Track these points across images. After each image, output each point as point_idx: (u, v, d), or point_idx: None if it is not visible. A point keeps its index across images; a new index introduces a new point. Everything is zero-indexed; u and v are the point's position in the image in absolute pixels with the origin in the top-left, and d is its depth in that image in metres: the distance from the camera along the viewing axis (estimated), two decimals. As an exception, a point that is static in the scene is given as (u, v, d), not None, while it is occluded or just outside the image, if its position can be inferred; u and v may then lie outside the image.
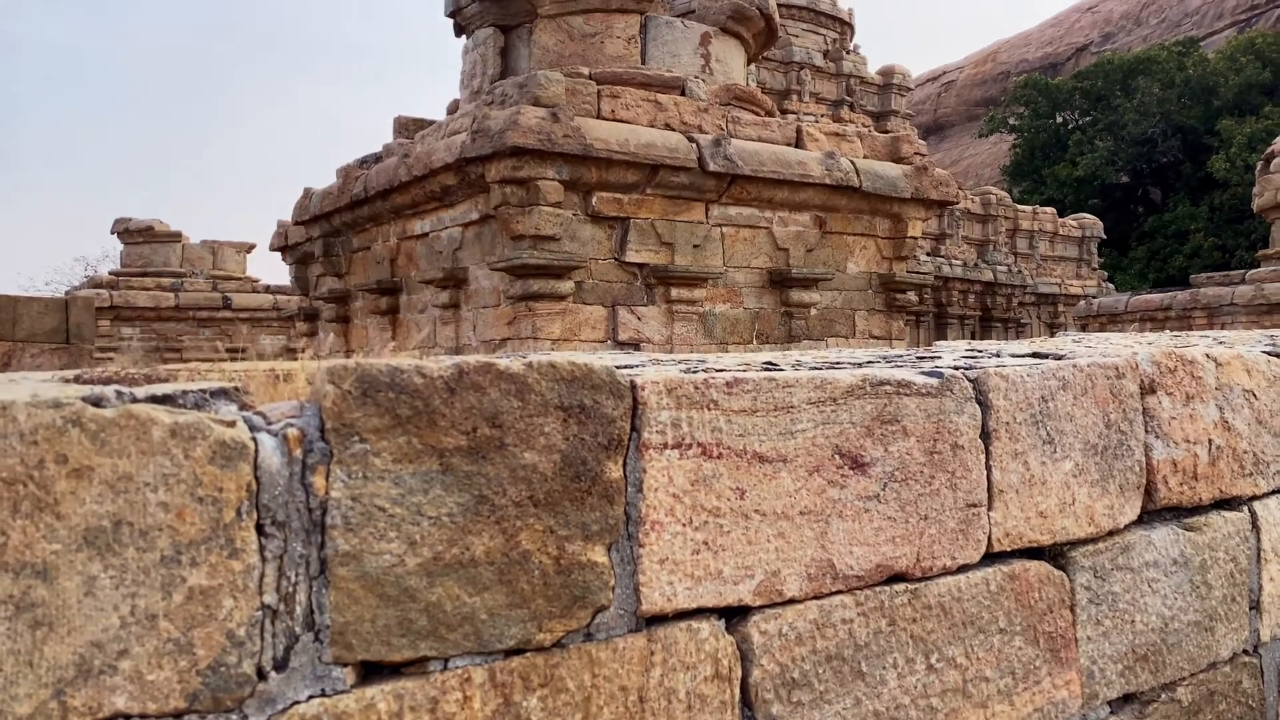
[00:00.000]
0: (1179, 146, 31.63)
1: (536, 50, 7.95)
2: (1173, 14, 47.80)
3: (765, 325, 7.75)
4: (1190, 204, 30.73)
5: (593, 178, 6.90)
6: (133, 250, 17.56)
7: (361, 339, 8.89)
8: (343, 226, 8.81)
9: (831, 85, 22.34)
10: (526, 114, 6.54)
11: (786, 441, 1.63)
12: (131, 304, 16.51)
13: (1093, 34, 52.50)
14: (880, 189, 7.96)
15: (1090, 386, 2.08)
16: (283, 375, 2.06)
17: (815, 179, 7.64)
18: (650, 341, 7.17)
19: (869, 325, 8.26)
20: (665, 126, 7.33)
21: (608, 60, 7.88)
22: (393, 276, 8.28)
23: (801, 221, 7.91)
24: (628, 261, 7.15)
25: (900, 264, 8.40)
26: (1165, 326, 14.07)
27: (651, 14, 8.14)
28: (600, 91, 7.15)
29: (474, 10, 8.06)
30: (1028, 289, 22.14)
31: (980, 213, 21.95)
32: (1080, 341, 3.38)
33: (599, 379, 1.44)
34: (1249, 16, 42.33)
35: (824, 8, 22.42)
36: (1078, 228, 24.11)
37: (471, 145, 6.67)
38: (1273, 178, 13.76)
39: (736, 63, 8.70)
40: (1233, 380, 2.37)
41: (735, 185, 7.43)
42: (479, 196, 7.10)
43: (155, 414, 1.15)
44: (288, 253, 10.41)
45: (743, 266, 7.67)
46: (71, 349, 8.65)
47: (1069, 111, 35.30)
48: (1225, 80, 31.02)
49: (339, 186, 8.52)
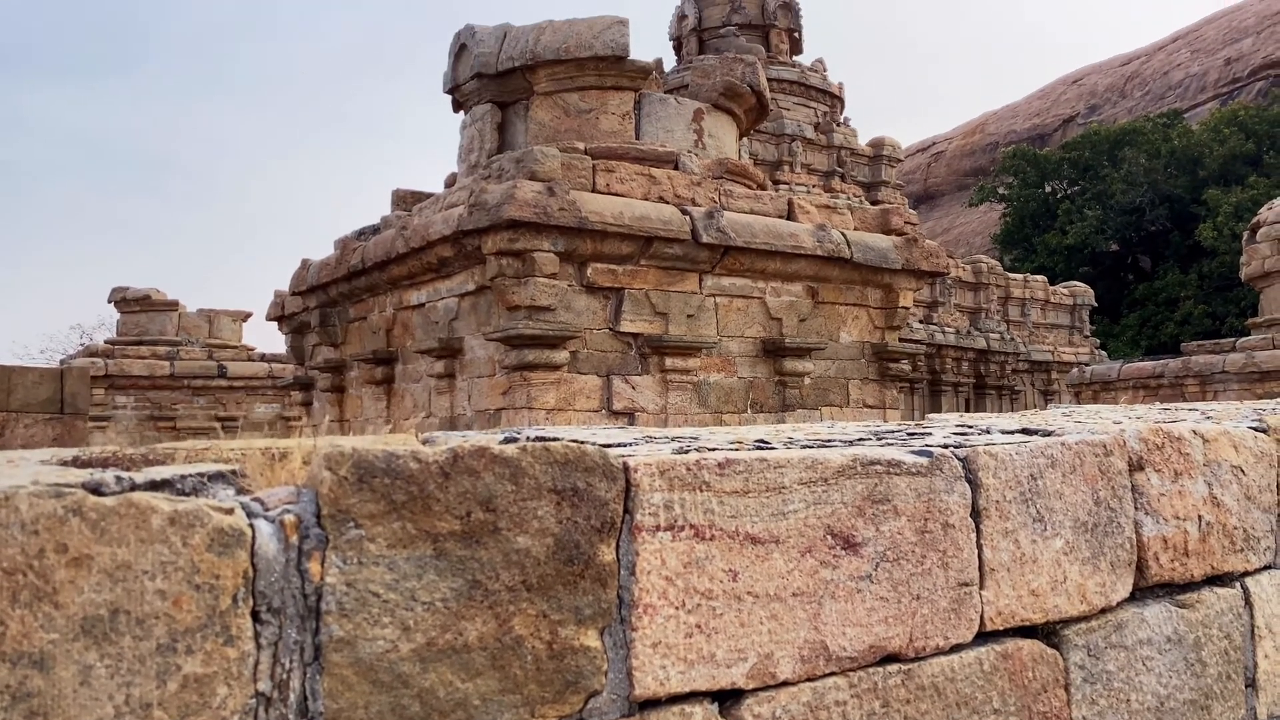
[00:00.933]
0: (1167, 215, 32.09)
1: (533, 125, 8.10)
2: (1156, 87, 48.85)
3: (759, 394, 7.78)
4: (1180, 272, 31.07)
5: (588, 249, 6.99)
6: (129, 319, 17.63)
7: (356, 409, 8.90)
8: (339, 297, 8.87)
9: (823, 157, 22.71)
10: (523, 188, 6.64)
11: (779, 522, 1.64)
12: (126, 373, 16.52)
13: (1079, 106, 53.56)
14: (871, 260, 8.06)
15: (1079, 464, 2.10)
16: (279, 455, 2.08)
17: (807, 250, 7.74)
18: (645, 411, 7.19)
19: (863, 394, 8.29)
20: (659, 199, 7.44)
21: (603, 135, 8.02)
22: (388, 346, 8.32)
23: (794, 292, 7.99)
24: (622, 331, 7.20)
25: (892, 333, 8.47)
26: (1158, 394, 14.13)
27: (646, 91, 8.32)
28: (595, 166, 7.27)
29: (472, 87, 8.23)
30: (1021, 356, 22.26)
31: (972, 281, 22.16)
32: (1070, 415, 3.41)
33: (592, 461, 1.46)
34: (1230, 90, 43.26)
35: (814, 82, 22.88)
36: (1069, 296, 24.33)
37: (469, 218, 6.76)
38: (1259, 247, 13.95)
39: (729, 137, 8.86)
40: (1220, 456, 2.40)
41: (728, 256, 7.52)
42: (475, 268, 7.18)
43: (155, 502, 1.16)
44: (284, 322, 10.46)
45: (736, 336, 7.73)
46: (65, 419, 8.64)
47: (1057, 181, 35.85)
48: (1210, 151, 31.59)
49: (336, 258, 8.61)
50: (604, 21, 7.87)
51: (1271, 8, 45.51)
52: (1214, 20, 50.67)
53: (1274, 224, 13.80)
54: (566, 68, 7.97)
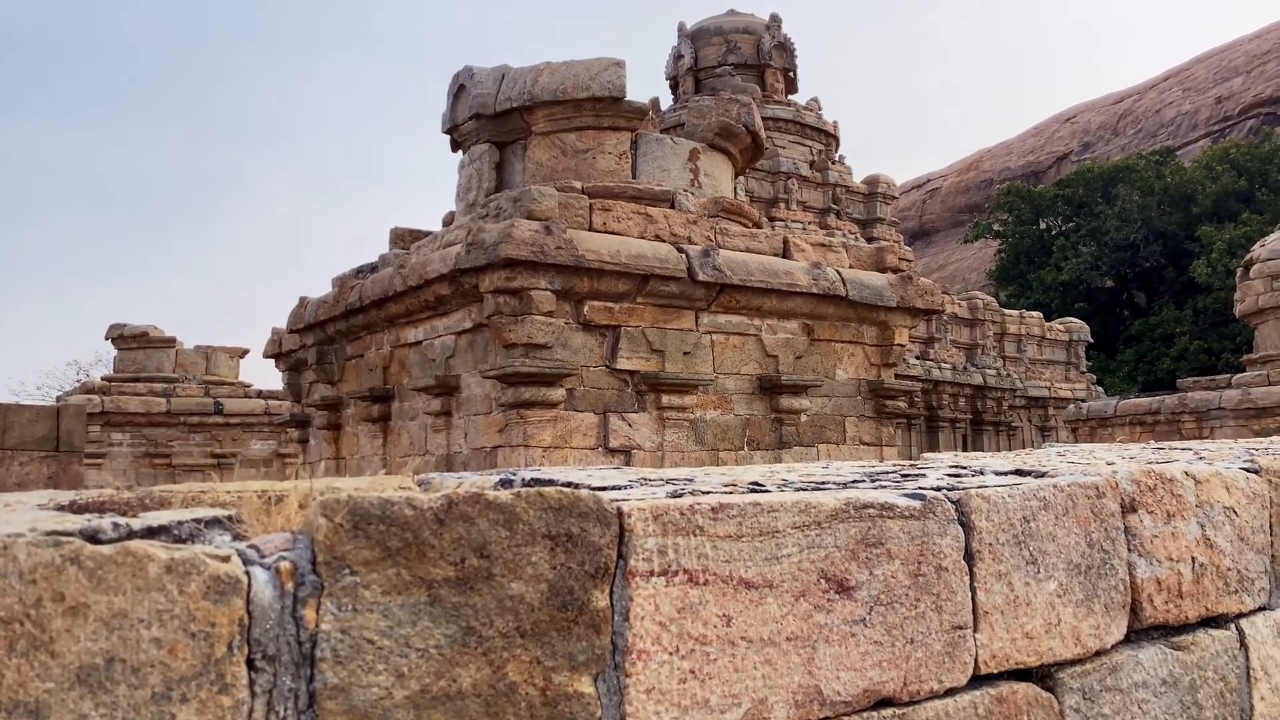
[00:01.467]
0: (1161, 252, 32.28)
1: (531, 165, 8.17)
2: (1149, 125, 49.34)
3: (756, 432, 7.79)
4: (1175, 308, 31.20)
5: (584, 287, 7.02)
6: (126, 355, 17.64)
7: (352, 447, 8.90)
8: (337, 335, 8.90)
9: (818, 194, 22.87)
10: (520, 227, 6.69)
11: (772, 566, 1.65)
12: (123, 409, 16.50)
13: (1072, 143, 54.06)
14: (866, 298, 8.11)
15: (1071, 506, 2.11)
16: (275, 498, 2.09)
17: (802, 288, 7.79)
18: (641, 448, 7.19)
19: (859, 431, 8.30)
20: (655, 238, 7.49)
21: (600, 174, 8.09)
22: (385, 384, 8.34)
23: (790, 329, 8.02)
24: (619, 369, 7.22)
25: (888, 371, 8.50)
26: (1155, 430, 14.14)
27: (642, 131, 8.41)
28: (592, 205, 7.33)
29: (470, 127, 8.31)
30: (1017, 392, 22.29)
31: (968, 317, 22.24)
32: (1065, 454, 3.42)
33: (586, 506, 1.47)
34: (1222, 128, 43.69)
35: (809, 121, 23.10)
36: (1065, 332, 24.42)
37: (466, 256, 6.81)
38: (1252, 284, 14.03)
39: (724, 176, 8.94)
40: (1213, 498, 2.41)
41: (724, 294, 7.56)
42: (473, 306, 7.21)
43: (152, 550, 1.17)
44: (281, 359, 10.48)
45: (733, 373, 7.75)
46: (61, 457, 8.63)
47: (1052, 218, 36.10)
48: (1203, 188, 31.85)
49: (334, 295, 8.64)
50: (601, 64, 7.97)
51: (1260, 48, 46.11)
52: (1204, 59, 51.31)
53: (1267, 261, 13.89)
54: (564, 108, 8.06)
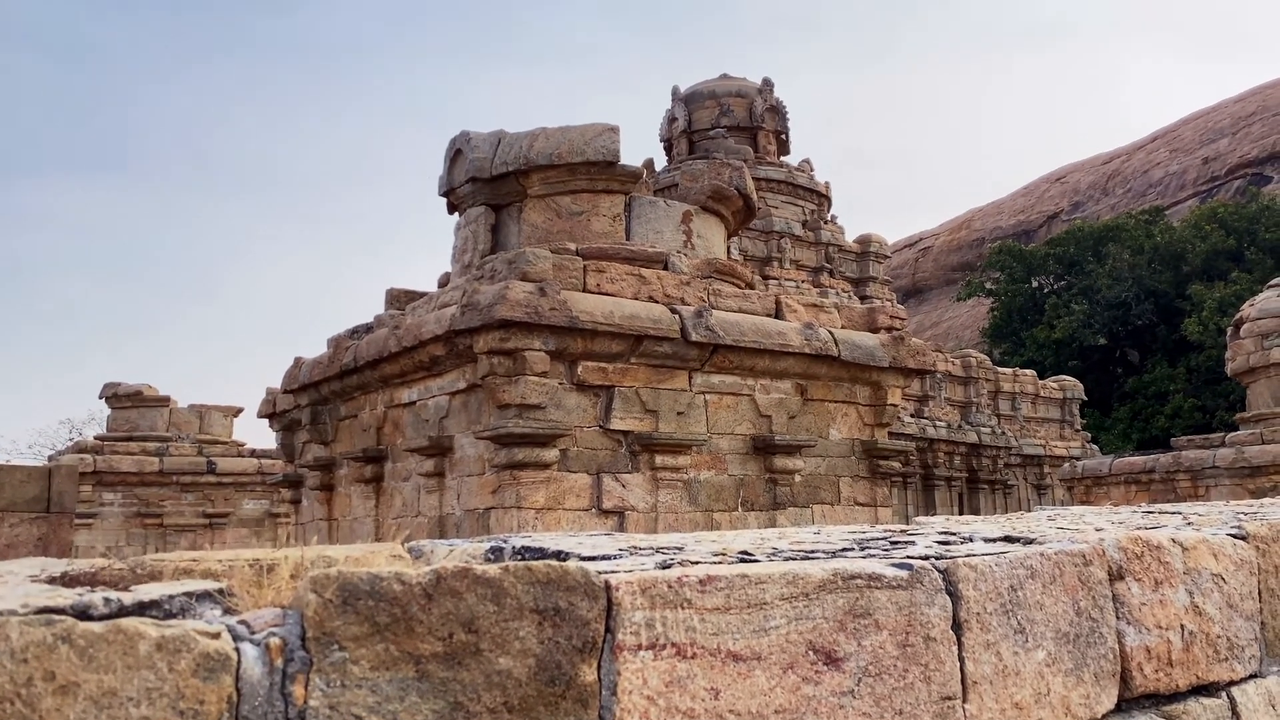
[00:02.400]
0: (1152, 310, 32.51)
1: (526, 227, 8.26)
2: (1137, 185, 50.01)
3: (750, 492, 7.78)
4: (1168, 365, 31.34)
5: (578, 348, 7.06)
6: (120, 414, 17.61)
7: (345, 507, 8.86)
8: (331, 395, 8.91)
9: (811, 253, 23.08)
10: (515, 288, 6.75)
11: (760, 639, 1.66)
12: (115, 469, 16.43)
13: (1062, 203, 54.72)
14: (858, 358, 8.15)
15: (1058, 574, 2.12)
16: (267, 567, 2.09)
17: (795, 348, 7.83)
18: (635, 510, 7.17)
19: (854, 492, 8.29)
20: (649, 299, 7.55)
21: (594, 236, 8.18)
22: (378, 444, 8.33)
23: (783, 389, 8.06)
24: (612, 429, 7.23)
25: (881, 430, 8.52)
26: (1150, 489, 14.13)
27: (636, 194, 8.52)
28: (586, 266, 7.40)
29: (467, 190, 8.42)
30: (1013, 450, 22.28)
31: (962, 375, 22.31)
32: (1055, 519, 3.43)
33: (574, 580, 1.49)
34: (1209, 188, 44.31)
35: (801, 182, 23.39)
36: (1058, 389, 24.49)
37: (461, 318, 6.85)
38: (1243, 343, 14.13)
39: (717, 238, 9.04)
40: (1200, 564, 2.42)
41: (717, 354, 7.60)
42: (467, 366, 7.24)
43: (143, 628, 1.19)
44: (275, 419, 10.48)
45: (726, 433, 7.76)
46: (51, 518, 8.58)
47: (1043, 276, 36.39)
48: (1192, 247, 32.19)
49: (329, 356, 8.68)
50: (595, 129, 8.10)
51: (1244, 110, 46.94)
52: (1190, 121, 52.18)
53: (1257, 320, 14.00)
54: (559, 172, 8.17)
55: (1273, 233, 31.23)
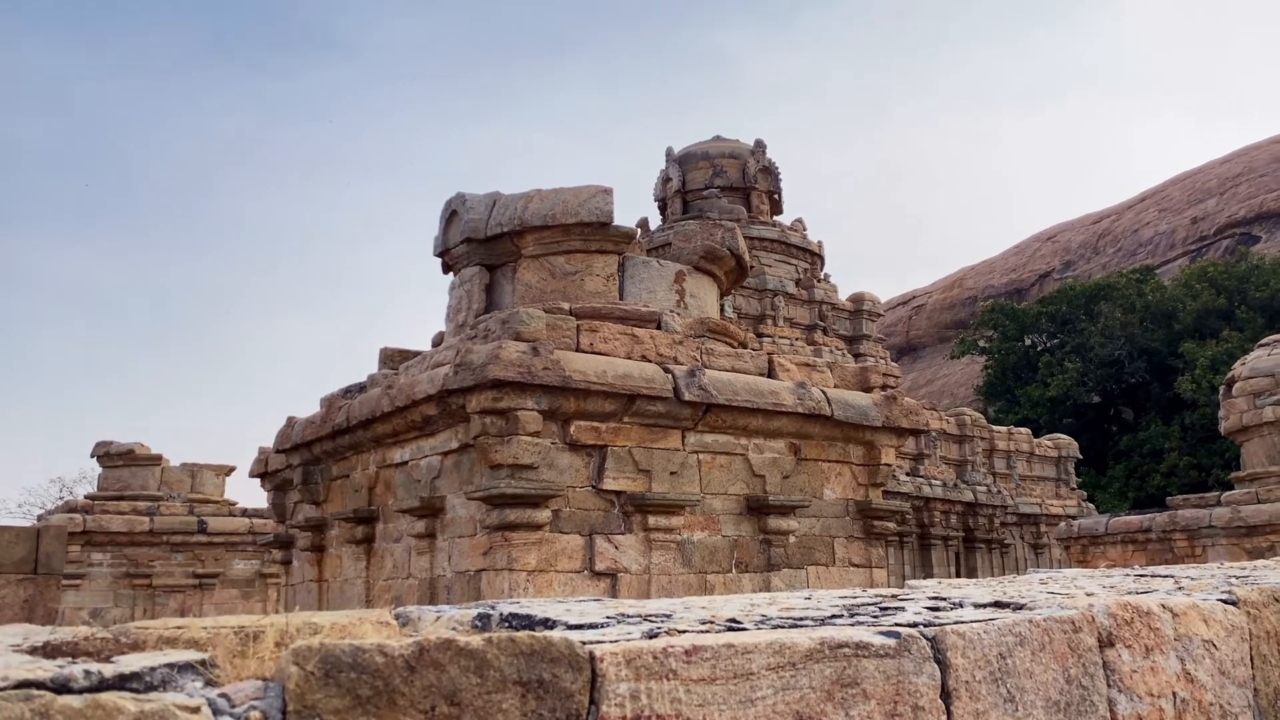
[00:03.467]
0: (1145, 368, 32.63)
1: (520, 287, 8.31)
2: (1128, 244, 50.53)
3: (744, 553, 7.73)
4: (1162, 423, 31.37)
5: (571, 407, 7.07)
6: (111, 473, 17.50)
7: (335, 568, 8.79)
8: (323, 455, 8.88)
9: (804, 311, 23.20)
10: (508, 348, 6.77)
11: (746, 709, 1.64)
12: (104, 528, 16.29)
13: (1054, 261, 55.22)
14: (852, 418, 8.16)
15: (1048, 641, 2.11)
16: (252, 634, 2.08)
17: (788, 408, 7.84)
18: (628, 571, 7.12)
19: (848, 553, 8.24)
20: (642, 358, 7.58)
21: (587, 296, 8.24)
22: (370, 505, 8.29)
23: (777, 448, 8.05)
24: (605, 489, 7.21)
25: (876, 491, 8.49)
26: (1146, 549, 14.06)
27: (629, 254, 8.59)
28: (580, 326, 7.44)
29: (461, 251, 8.49)
30: (1009, 509, 22.20)
31: (956, 433, 22.31)
32: (1047, 582, 3.42)
33: (558, 652, 1.48)
34: (1199, 247, 44.78)
35: (794, 241, 23.60)
36: (1054, 448, 24.47)
37: (454, 377, 6.87)
38: (1235, 402, 14.17)
39: (710, 297, 9.10)
40: (1191, 631, 2.41)
41: (710, 414, 7.61)
42: (459, 426, 7.23)
43: (121, 702, 1.18)
44: (267, 479, 10.43)
45: (720, 493, 7.74)
46: (39, 580, 8.48)
47: (1036, 334, 36.58)
48: (1183, 305, 32.43)
49: (322, 415, 8.67)
50: (589, 190, 8.20)
51: (1231, 171, 47.64)
52: (1178, 181, 52.91)
53: (1248, 379, 14.06)
54: (553, 233, 8.25)
55: (1262, 291, 31.50)
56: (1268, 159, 47.31)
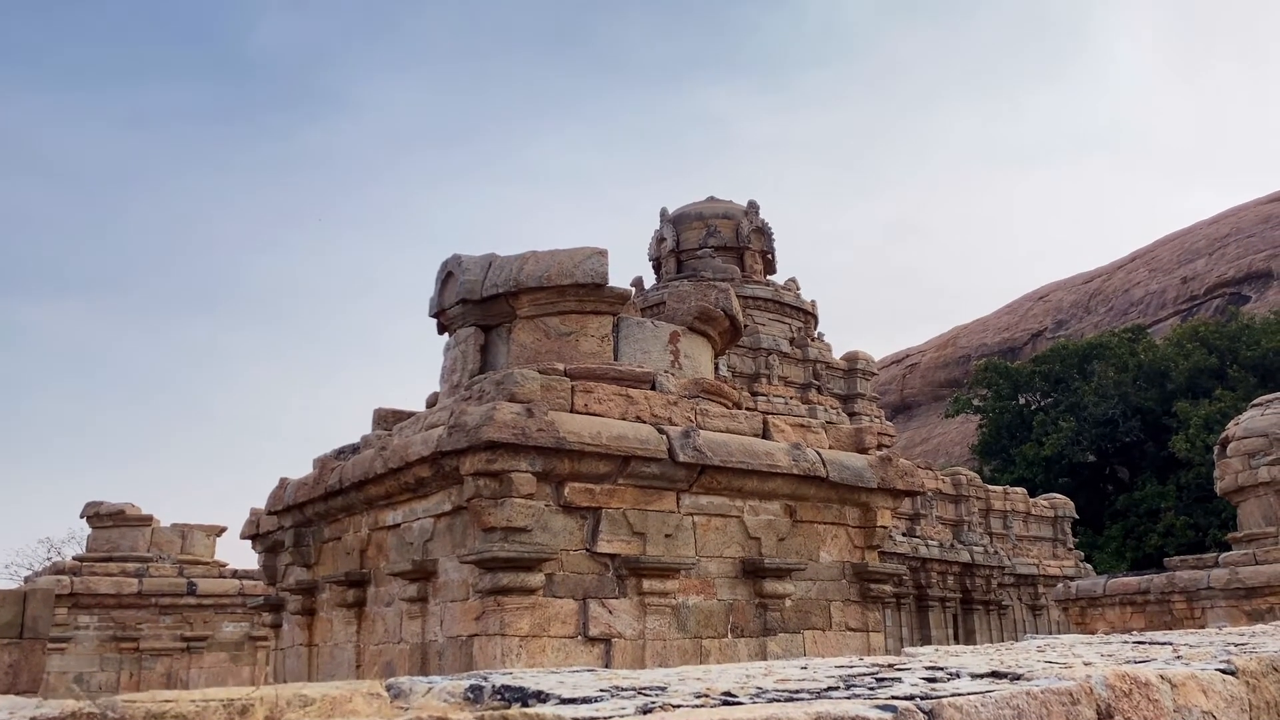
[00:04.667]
0: (1139, 427, 32.65)
1: (515, 347, 8.34)
2: (1119, 303, 50.88)
3: (740, 618, 7.65)
4: (1158, 483, 31.31)
5: (565, 469, 7.04)
6: (100, 534, 17.33)
7: (326, 633, 8.67)
8: (315, 517, 8.82)
9: (799, 370, 23.24)
10: (502, 409, 6.77)
11: (741, 787, 1.62)
12: (92, 591, 16.08)
13: (1046, 321, 55.53)
14: (847, 479, 8.14)
15: (1046, 714, 2.09)
16: (242, 709, 2.05)
17: (783, 469, 7.82)
18: (622, 636, 7.04)
19: (845, 616, 8.16)
20: (636, 419, 7.57)
21: (582, 356, 8.25)
22: (361, 568, 8.21)
23: (772, 510, 8.01)
24: (599, 552, 7.15)
25: (872, 553, 8.44)
26: (1145, 610, 13.94)
27: (624, 315, 8.63)
28: (574, 387, 7.44)
29: (457, 311, 8.52)
30: (1006, 570, 22.03)
31: (952, 493, 22.22)
32: (1045, 650, 3.39)
33: (551, 729, 1.46)
34: (1189, 306, 45.12)
35: (788, 300, 23.73)
36: (1050, 508, 24.37)
37: (448, 439, 6.85)
38: (1230, 462, 14.16)
39: (704, 358, 9.13)
40: (1190, 702, 2.39)
41: (705, 475, 7.58)
42: (453, 488, 7.20)
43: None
44: (258, 541, 10.34)
45: (715, 556, 7.68)
46: (24, 644, 8.35)
47: (1030, 393, 36.64)
48: (1175, 365, 32.56)
49: (314, 477, 8.62)
50: (584, 252, 8.26)
51: (1219, 231, 48.20)
52: (1167, 242, 53.46)
53: (1242, 439, 14.07)
54: (548, 294, 8.29)
55: (1254, 351, 31.66)
56: (1255, 220, 47.91)
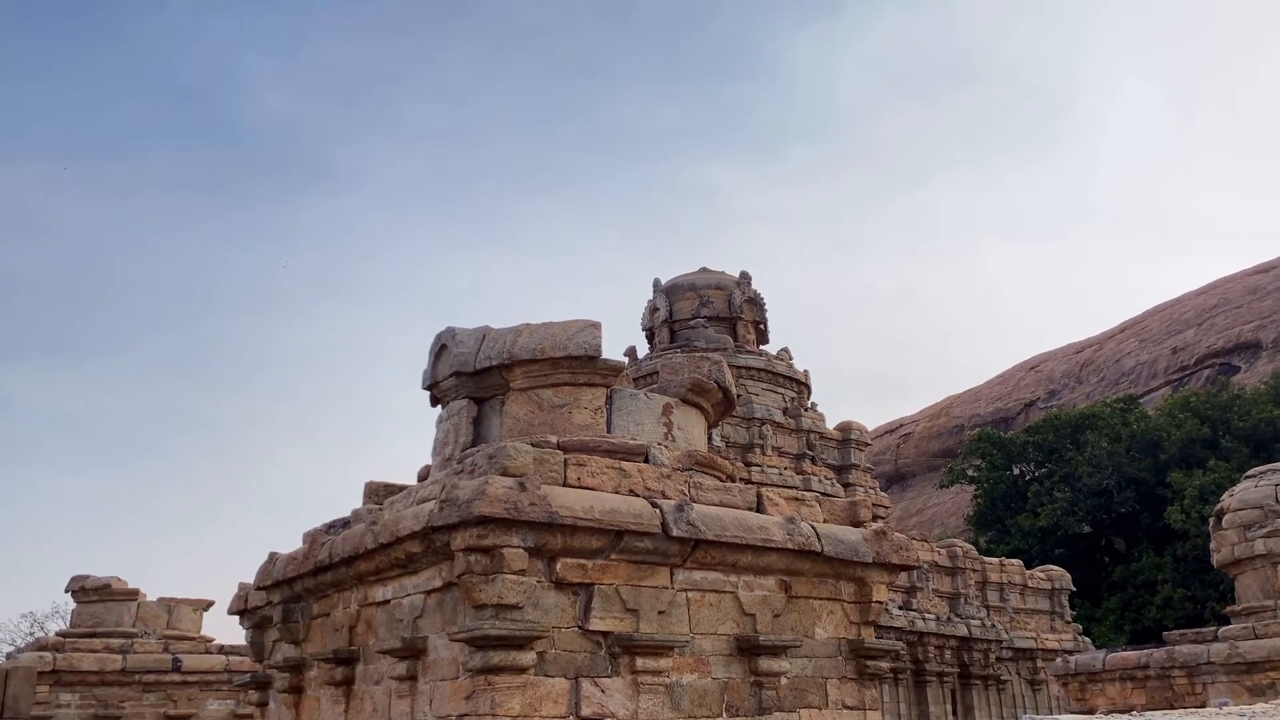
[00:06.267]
0: (1134, 497, 32.54)
1: (508, 420, 8.31)
2: (1110, 373, 51.09)
3: (735, 697, 7.51)
4: (1154, 554, 31.11)
5: (558, 544, 6.96)
6: (85, 608, 17.04)
7: (313, 711, 8.48)
8: (304, 592, 8.69)
9: (793, 440, 23.20)
10: (494, 484, 6.71)
11: None
12: (75, 667, 15.75)
13: (1038, 391, 55.68)
14: (842, 554, 8.06)
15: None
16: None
17: (777, 544, 7.75)
18: (615, 717, 6.89)
19: (841, 695, 8.01)
20: (629, 492, 7.51)
21: (575, 429, 8.22)
22: (350, 645, 8.06)
23: (767, 586, 7.91)
24: (592, 630, 7.03)
25: (868, 629, 8.32)
26: (1145, 686, 13.73)
27: (617, 387, 8.63)
28: (567, 460, 7.39)
29: (450, 384, 8.51)
30: (1004, 643, 21.75)
31: (948, 565, 22.03)
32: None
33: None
34: (1180, 376, 45.32)
35: (780, 369, 23.80)
36: (1046, 580, 24.17)
37: (439, 514, 6.78)
38: (1226, 534, 14.09)
39: (697, 430, 9.10)
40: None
41: (699, 550, 7.50)
42: (444, 564, 7.10)
43: None
44: (246, 616, 10.18)
45: (709, 633, 7.56)
46: (2, 725, 8.15)
47: (1024, 463, 36.60)
48: (1168, 435, 32.58)
49: (304, 551, 8.52)
50: (578, 325, 8.29)
51: (1207, 302, 48.65)
52: (1157, 312, 53.90)
53: (1237, 511, 14.02)
54: (542, 366, 8.30)
55: (1245, 421, 31.72)
56: (1242, 290, 48.40)
